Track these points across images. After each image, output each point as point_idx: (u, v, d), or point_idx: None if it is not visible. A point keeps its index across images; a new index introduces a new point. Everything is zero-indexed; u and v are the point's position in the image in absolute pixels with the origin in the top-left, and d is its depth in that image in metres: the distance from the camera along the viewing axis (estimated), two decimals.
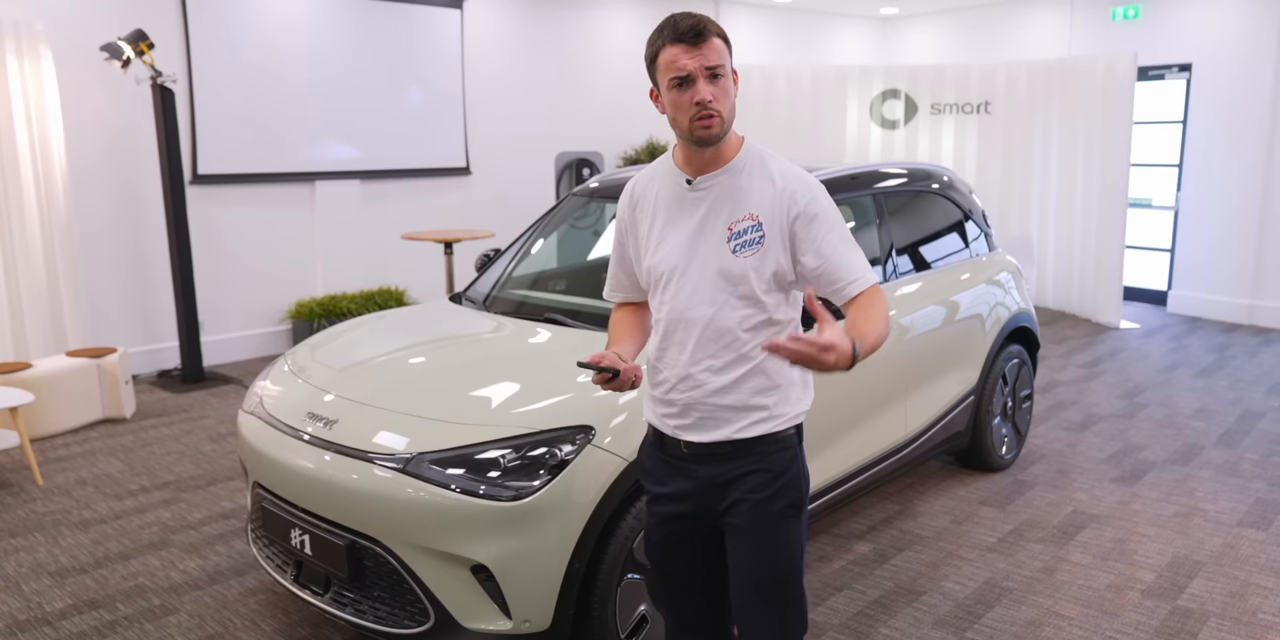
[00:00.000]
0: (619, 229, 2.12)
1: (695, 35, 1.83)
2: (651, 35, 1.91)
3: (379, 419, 2.71)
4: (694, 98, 1.83)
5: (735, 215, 1.92)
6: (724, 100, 1.85)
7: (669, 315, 1.97)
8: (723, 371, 1.94)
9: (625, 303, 2.20)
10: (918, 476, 4.41)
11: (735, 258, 1.91)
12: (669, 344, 1.98)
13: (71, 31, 5.70)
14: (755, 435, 1.96)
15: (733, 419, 1.95)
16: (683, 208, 1.97)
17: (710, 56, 1.84)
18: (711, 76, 1.84)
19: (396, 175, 7.27)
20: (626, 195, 2.10)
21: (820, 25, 10.06)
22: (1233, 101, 7.64)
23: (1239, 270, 7.75)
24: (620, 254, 2.15)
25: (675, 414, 2.00)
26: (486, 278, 3.91)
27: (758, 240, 1.91)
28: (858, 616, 3.16)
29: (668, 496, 2.06)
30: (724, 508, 2.00)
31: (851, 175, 3.88)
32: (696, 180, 1.95)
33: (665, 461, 2.06)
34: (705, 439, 1.97)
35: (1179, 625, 3.11)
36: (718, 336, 1.93)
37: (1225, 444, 4.88)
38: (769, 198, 1.91)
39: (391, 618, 2.61)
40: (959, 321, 4.07)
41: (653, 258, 2.00)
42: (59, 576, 3.47)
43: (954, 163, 8.63)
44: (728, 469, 1.98)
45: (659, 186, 2.03)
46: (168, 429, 5.15)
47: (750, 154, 1.96)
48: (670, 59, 1.85)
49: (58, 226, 5.60)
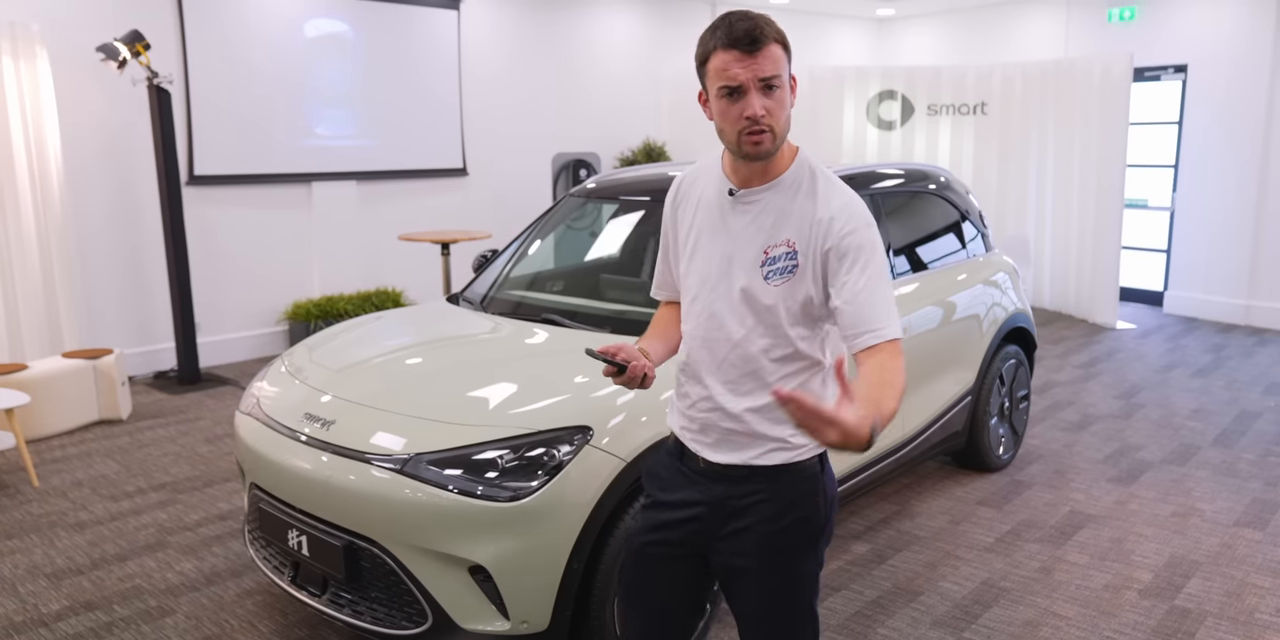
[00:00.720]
0: (664, 226, 2.02)
1: (750, 42, 1.67)
2: (704, 34, 1.74)
3: (376, 420, 2.71)
4: (744, 111, 1.69)
5: (774, 239, 1.79)
6: (778, 114, 1.71)
7: (694, 331, 1.89)
8: (745, 397, 1.84)
9: (670, 302, 2.10)
10: (915, 477, 4.42)
11: (766, 285, 1.79)
12: (692, 359, 1.90)
13: (68, 32, 5.69)
14: (774, 463, 1.85)
15: (751, 445, 1.85)
16: (723, 218, 1.85)
17: (765, 66, 1.68)
18: (766, 88, 1.69)
19: (393, 176, 7.26)
20: (672, 192, 1.99)
21: (817, 26, 10.07)
22: (1228, 102, 7.66)
23: (1235, 271, 7.77)
24: (664, 252, 2.04)
25: (696, 431, 1.91)
26: (484, 278, 3.91)
27: (790, 269, 1.78)
28: (855, 617, 3.16)
29: (671, 504, 1.95)
30: (725, 533, 1.88)
31: (849, 176, 3.88)
32: (741, 192, 1.82)
33: (681, 472, 1.95)
34: (721, 460, 1.88)
35: (1176, 625, 3.12)
36: (742, 362, 1.83)
37: (1222, 444, 4.88)
38: (809, 223, 1.78)
39: (389, 619, 2.61)
40: (956, 322, 4.08)
41: (685, 266, 1.92)
42: (55, 578, 3.46)
43: (950, 164, 8.64)
44: (741, 492, 1.87)
45: (703, 188, 1.91)
46: (164, 430, 5.14)
47: (802, 169, 1.82)
48: (721, 66, 1.69)
49: (54, 227, 5.59)
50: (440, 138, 7.46)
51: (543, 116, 8.10)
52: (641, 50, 8.68)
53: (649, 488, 2.03)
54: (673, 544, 1.94)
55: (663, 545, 1.95)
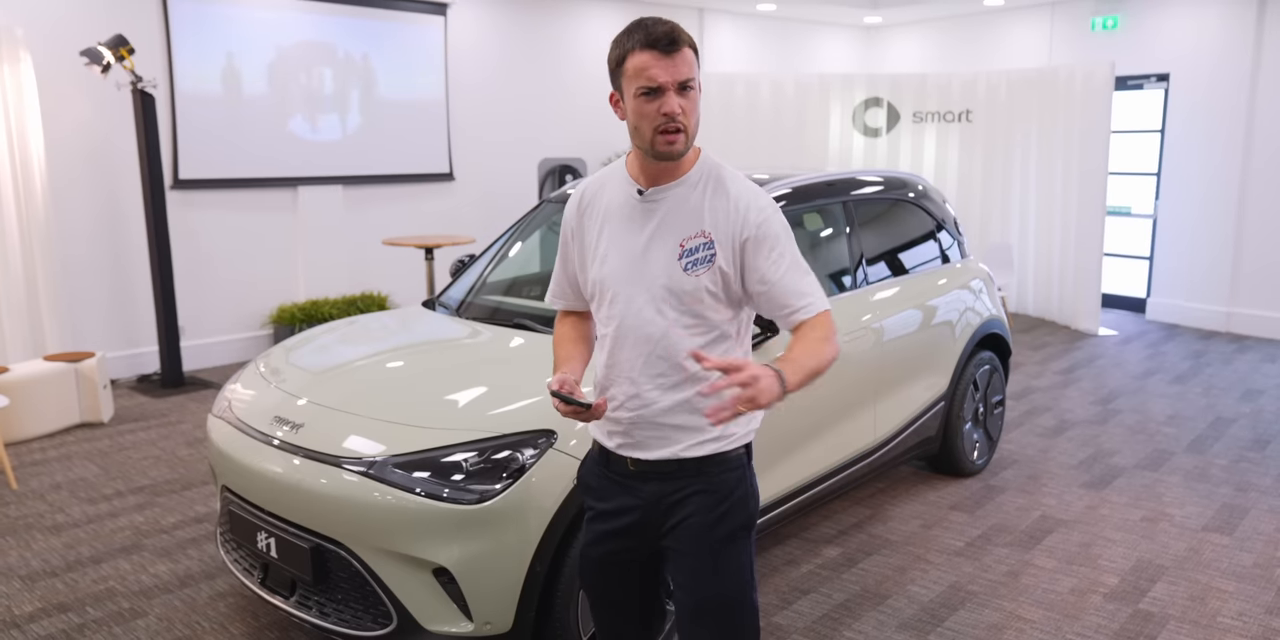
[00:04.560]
0: (564, 234, 2.05)
1: (669, 43, 1.76)
2: (619, 37, 1.82)
3: (345, 423, 2.74)
4: (662, 108, 1.77)
5: (687, 231, 1.87)
6: (691, 114, 1.80)
7: (616, 331, 1.92)
8: (672, 390, 1.89)
9: (569, 312, 2.14)
10: (889, 481, 4.45)
11: (686, 275, 1.85)
12: (616, 360, 1.93)
13: (52, 37, 5.72)
14: (702, 455, 1.91)
15: (680, 438, 1.90)
16: (632, 219, 1.91)
17: (682, 69, 1.77)
18: (681, 88, 1.78)
19: (380, 181, 7.29)
20: (575, 200, 2.03)
21: (804, 34, 10.13)
22: (1210, 111, 7.72)
23: (1216, 278, 7.83)
24: (564, 260, 2.07)
25: (621, 431, 1.94)
26: (460, 283, 3.94)
27: (709, 259, 1.85)
28: (822, 620, 3.19)
29: (610, 513, 2.00)
30: (666, 529, 1.95)
31: (827, 182, 3.92)
32: (649, 191, 1.89)
33: (610, 478, 2.00)
34: (649, 457, 1.92)
35: (1139, 628, 3.15)
36: (668, 354, 1.87)
37: (1195, 450, 4.93)
38: (722, 216, 1.86)
39: (355, 620, 2.63)
40: (929, 328, 4.11)
41: (600, 269, 1.94)
42: (29, 580, 3.48)
43: (935, 170, 8.70)
44: (673, 488, 1.92)
45: (609, 194, 1.96)
46: (145, 433, 5.16)
47: (706, 167, 1.90)
48: (640, 67, 1.77)
49: (37, 230, 5.61)
50: (427, 142, 7.49)
51: (529, 122, 8.14)
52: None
53: (585, 499, 2.08)
54: (623, 550, 2.02)
55: (615, 553, 2.03)
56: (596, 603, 2.13)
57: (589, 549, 2.06)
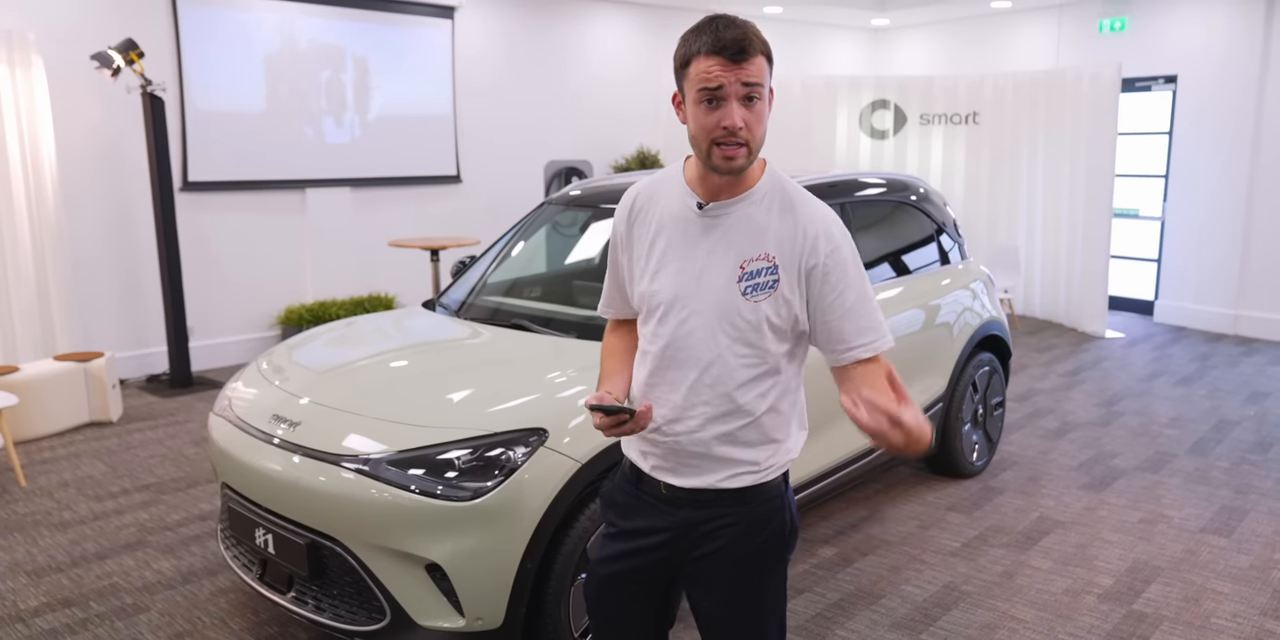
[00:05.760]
0: (613, 242, 1.91)
1: (738, 52, 1.60)
2: (687, 34, 1.65)
3: (342, 422, 2.78)
4: (723, 121, 1.62)
5: (749, 253, 1.71)
6: (756, 128, 1.65)
7: (663, 351, 1.77)
8: (717, 421, 1.76)
9: (620, 322, 2.00)
10: (888, 482, 4.46)
11: (745, 301, 1.71)
12: (660, 381, 1.79)
13: (63, 41, 5.80)
14: (741, 486, 1.79)
15: (718, 469, 1.78)
16: (689, 233, 1.75)
17: (750, 75, 1.61)
18: (746, 98, 1.62)
19: (387, 183, 7.35)
20: (625, 207, 1.87)
21: (811, 36, 10.14)
22: (1218, 113, 7.70)
23: (1224, 280, 7.80)
24: (615, 269, 1.93)
25: (657, 454, 1.82)
26: (461, 284, 3.98)
27: (771, 284, 1.71)
28: (815, 619, 3.21)
29: (633, 532, 1.87)
30: (696, 557, 1.83)
31: (829, 184, 3.94)
32: (709, 205, 1.73)
33: (640, 498, 1.87)
34: (686, 484, 1.80)
35: (1131, 629, 3.16)
36: (716, 383, 1.74)
37: (1197, 452, 4.92)
38: (789, 238, 1.71)
39: (350, 615, 2.67)
40: (927, 329, 4.13)
41: (650, 284, 1.79)
42: (35, 575, 3.53)
43: (942, 172, 8.70)
44: (706, 516, 1.80)
45: (664, 203, 1.79)
46: (153, 432, 5.22)
47: (773, 183, 1.75)
48: (703, 71, 1.61)
49: (48, 232, 5.69)
50: (434, 145, 7.55)
51: (536, 124, 8.19)
52: (635, 59, 8.76)
53: (607, 515, 1.95)
54: (641, 571, 1.88)
55: (631, 573, 1.89)
56: (600, 625, 1.98)
57: (600, 566, 1.93)
